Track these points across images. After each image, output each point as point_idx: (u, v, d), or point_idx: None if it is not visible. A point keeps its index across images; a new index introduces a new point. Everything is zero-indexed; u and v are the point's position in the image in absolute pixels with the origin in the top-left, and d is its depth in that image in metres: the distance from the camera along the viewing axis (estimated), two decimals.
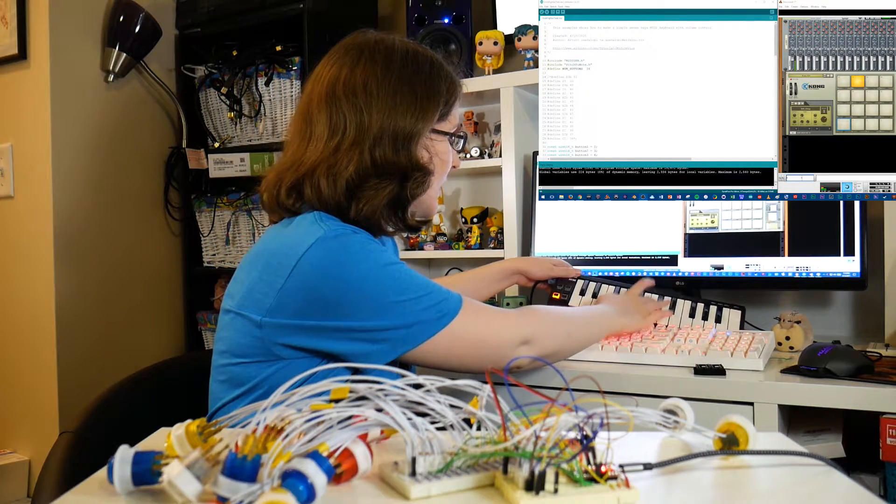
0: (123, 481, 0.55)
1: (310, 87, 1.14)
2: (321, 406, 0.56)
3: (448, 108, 1.16)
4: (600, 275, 1.76)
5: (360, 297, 0.99)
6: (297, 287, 0.99)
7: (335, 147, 1.07)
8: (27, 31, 2.14)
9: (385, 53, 1.12)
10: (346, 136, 1.07)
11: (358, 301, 0.99)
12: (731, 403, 1.23)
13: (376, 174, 1.07)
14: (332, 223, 1.04)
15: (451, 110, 1.17)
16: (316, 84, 1.13)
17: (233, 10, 2.24)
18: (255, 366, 1.05)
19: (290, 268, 1.00)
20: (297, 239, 1.02)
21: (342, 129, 1.08)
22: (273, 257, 1.03)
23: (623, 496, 0.52)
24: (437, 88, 1.14)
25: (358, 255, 1.01)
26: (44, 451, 2.17)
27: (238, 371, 1.06)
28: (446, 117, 1.16)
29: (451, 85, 1.16)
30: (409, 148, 1.09)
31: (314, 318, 1.00)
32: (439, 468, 0.55)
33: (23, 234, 2.17)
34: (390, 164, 1.07)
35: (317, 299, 0.99)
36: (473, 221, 2.06)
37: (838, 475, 0.58)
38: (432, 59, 1.16)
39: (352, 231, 1.04)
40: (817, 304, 1.74)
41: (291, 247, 1.01)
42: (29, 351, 2.16)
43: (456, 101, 1.18)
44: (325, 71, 1.13)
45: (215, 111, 2.35)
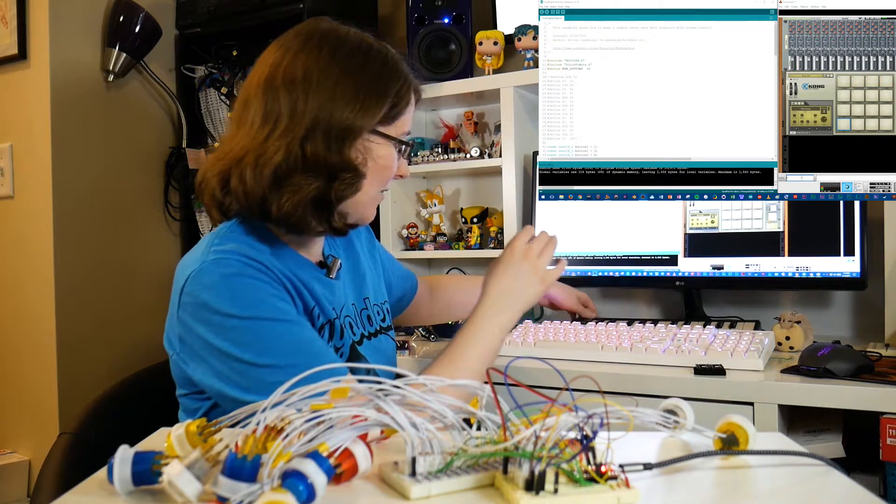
0: (123, 481, 0.55)
1: (253, 70, 1.07)
2: (321, 406, 0.56)
3: (396, 111, 1.07)
4: (600, 275, 1.76)
5: (222, 339, 0.94)
6: (182, 318, 0.98)
7: (266, 136, 1.00)
8: (27, 31, 2.14)
9: (334, 43, 1.05)
10: (279, 125, 1.00)
11: (220, 342, 0.94)
12: (731, 403, 1.23)
13: (304, 168, 0.99)
14: (228, 244, 0.99)
15: (402, 114, 1.08)
16: (258, 68, 1.06)
17: (233, 10, 2.24)
18: (190, 398, 1.04)
19: (177, 297, 1.00)
20: (186, 265, 1.01)
21: (275, 117, 1.01)
22: (174, 284, 1.02)
23: (623, 496, 0.52)
24: (386, 87, 1.05)
25: (225, 297, 0.94)
26: (44, 451, 2.15)
27: (185, 403, 1.06)
28: (393, 120, 1.07)
29: (404, 87, 1.07)
30: (341, 145, 1.01)
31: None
32: (439, 468, 0.55)
33: (23, 234, 2.17)
34: (320, 160, 1.00)
35: (186, 331, 0.98)
36: (473, 221, 2.06)
37: (838, 475, 0.58)
38: (387, 57, 1.07)
39: (238, 261, 0.97)
40: (817, 304, 1.74)
41: (180, 275, 1.00)
42: (29, 351, 2.16)
43: (408, 105, 1.09)
44: (270, 55, 1.06)
45: (215, 111, 2.35)
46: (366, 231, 1.34)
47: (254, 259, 0.98)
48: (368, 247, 1.33)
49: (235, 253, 0.98)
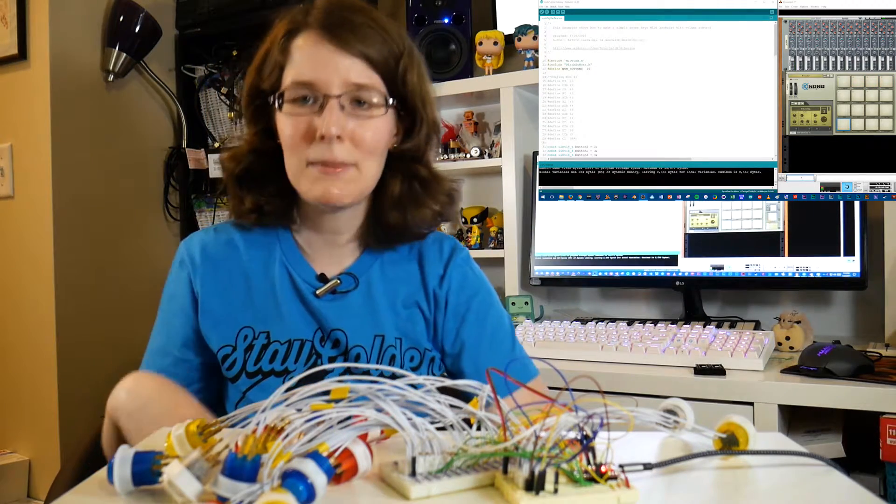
0: (123, 481, 0.55)
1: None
2: (321, 406, 0.56)
3: (270, 63, 0.95)
4: (600, 275, 1.76)
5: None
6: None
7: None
8: (27, 31, 2.14)
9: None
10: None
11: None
12: (731, 403, 1.23)
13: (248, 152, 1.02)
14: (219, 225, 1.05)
15: (280, 64, 0.94)
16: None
17: (233, 10, 2.24)
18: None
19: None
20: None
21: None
22: None
23: (623, 496, 0.52)
24: (263, 41, 0.98)
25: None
26: (44, 451, 2.17)
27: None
28: (271, 74, 0.95)
29: (275, 34, 0.97)
30: (246, 115, 1.00)
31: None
32: (439, 468, 0.55)
33: (23, 234, 2.17)
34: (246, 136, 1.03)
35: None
36: (473, 221, 2.06)
37: (838, 475, 0.58)
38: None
39: (195, 236, 1.04)
40: (817, 304, 1.74)
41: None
42: (29, 351, 2.16)
43: (285, 50, 0.94)
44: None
45: (215, 111, 2.35)
46: (442, 264, 1.05)
47: (194, 243, 1.03)
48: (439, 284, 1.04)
49: (189, 238, 1.04)
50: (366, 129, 0.92)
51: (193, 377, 1.01)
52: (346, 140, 0.91)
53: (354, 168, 0.93)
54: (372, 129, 0.93)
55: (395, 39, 0.94)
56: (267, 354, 0.97)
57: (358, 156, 0.92)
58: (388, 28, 0.94)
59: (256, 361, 0.96)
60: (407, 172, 1.00)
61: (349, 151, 0.91)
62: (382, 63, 0.93)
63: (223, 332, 0.98)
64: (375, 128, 0.93)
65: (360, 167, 0.93)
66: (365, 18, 0.93)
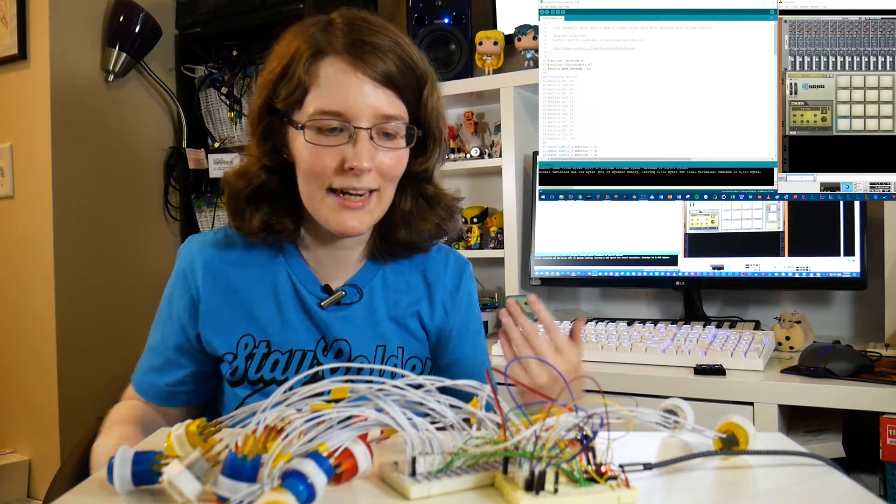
0: (123, 481, 0.55)
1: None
2: (321, 406, 0.56)
3: (292, 91, 0.91)
4: (600, 275, 1.76)
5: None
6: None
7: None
8: (27, 31, 2.13)
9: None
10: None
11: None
12: (731, 403, 1.23)
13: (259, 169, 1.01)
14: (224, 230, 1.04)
15: (304, 91, 0.91)
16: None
17: (233, 10, 2.24)
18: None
19: None
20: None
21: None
22: None
23: (623, 496, 0.52)
24: (278, 66, 0.93)
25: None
26: (44, 451, 2.17)
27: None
28: (292, 99, 0.92)
29: (296, 57, 0.91)
30: (257, 138, 0.97)
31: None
32: (439, 468, 0.55)
33: (23, 234, 2.17)
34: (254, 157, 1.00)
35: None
36: (473, 221, 2.06)
37: (838, 475, 0.58)
38: (295, 27, 0.95)
39: (198, 243, 1.03)
40: (817, 304, 1.74)
41: None
42: (29, 351, 2.16)
43: (313, 77, 0.90)
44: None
45: (215, 111, 2.35)
46: (453, 278, 1.09)
47: (196, 251, 1.02)
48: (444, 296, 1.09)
49: (187, 244, 1.04)
50: (391, 159, 0.93)
51: (187, 380, 1.03)
52: (374, 170, 0.92)
53: (376, 195, 0.94)
54: (396, 158, 0.94)
55: (416, 62, 0.94)
56: (268, 363, 0.98)
57: (381, 182, 0.94)
58: (409, 49, 0.94)
59: (258, 370, 0.98)
60: (416, 191, 1.02)
61: (373, 179, 0.93)
62: (407, 89, 0.93)
63: (225, 340, 0.99)
64: (399, 157, 0.95)
65: (381, 193, 0.95)
66: (388, 41, 0.92)
